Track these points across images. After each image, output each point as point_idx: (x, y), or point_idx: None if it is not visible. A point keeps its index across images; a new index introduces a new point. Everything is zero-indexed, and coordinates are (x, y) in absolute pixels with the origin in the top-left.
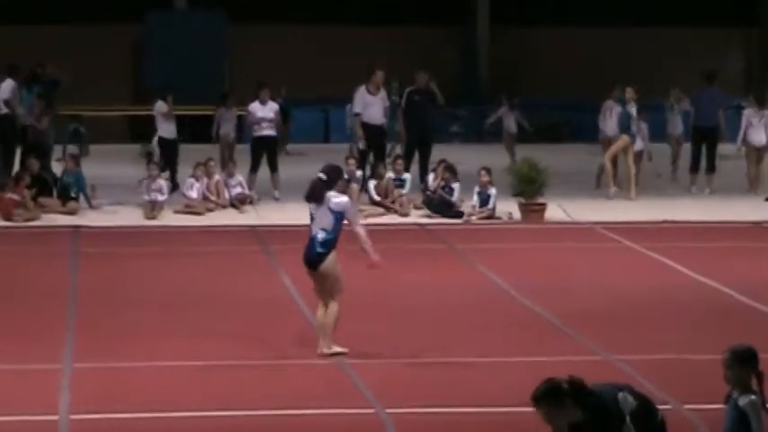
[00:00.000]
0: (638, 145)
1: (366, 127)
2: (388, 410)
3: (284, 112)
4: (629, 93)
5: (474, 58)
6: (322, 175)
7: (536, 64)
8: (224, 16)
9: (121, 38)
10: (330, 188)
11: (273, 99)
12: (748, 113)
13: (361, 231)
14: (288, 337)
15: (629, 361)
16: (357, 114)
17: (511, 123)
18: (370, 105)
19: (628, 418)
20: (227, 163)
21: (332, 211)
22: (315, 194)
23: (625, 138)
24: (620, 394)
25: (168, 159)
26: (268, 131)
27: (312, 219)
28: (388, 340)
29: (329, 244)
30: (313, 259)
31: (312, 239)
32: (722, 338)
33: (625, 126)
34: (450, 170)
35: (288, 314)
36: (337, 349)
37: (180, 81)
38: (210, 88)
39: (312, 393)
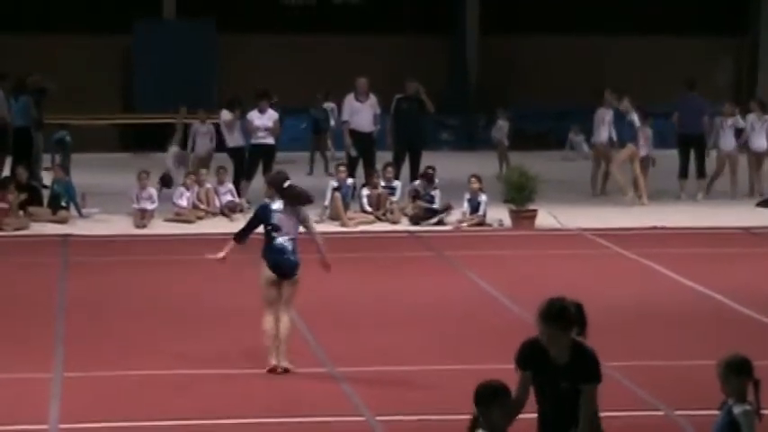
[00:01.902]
0: (643, 151)
1: (354, 134)
2: (378, 418)
3: None
4: (625, 104)
5: (463, 67)
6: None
7: (524, 73)
8: (212, 26)
9: (110, 47)
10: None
11: (273, 108)
12: (752, 118)
13: None
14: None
15: (619, 367)
16: (344, 122)
17: (503, 137)
18: (358, 113)
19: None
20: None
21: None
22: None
23: (631, 147)
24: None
25: (237, 168)
26: (265, 140)
27: (274, 230)
28: (378, 348)
29: (297, 249)
30: (293, 266)
31: (282, 250)
32: (713, 345)
33: (628, 136)
34: (427, 178)
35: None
36: (290, 365)
37: (168, 90)
38: (199, 98)
39: (302, 401)
